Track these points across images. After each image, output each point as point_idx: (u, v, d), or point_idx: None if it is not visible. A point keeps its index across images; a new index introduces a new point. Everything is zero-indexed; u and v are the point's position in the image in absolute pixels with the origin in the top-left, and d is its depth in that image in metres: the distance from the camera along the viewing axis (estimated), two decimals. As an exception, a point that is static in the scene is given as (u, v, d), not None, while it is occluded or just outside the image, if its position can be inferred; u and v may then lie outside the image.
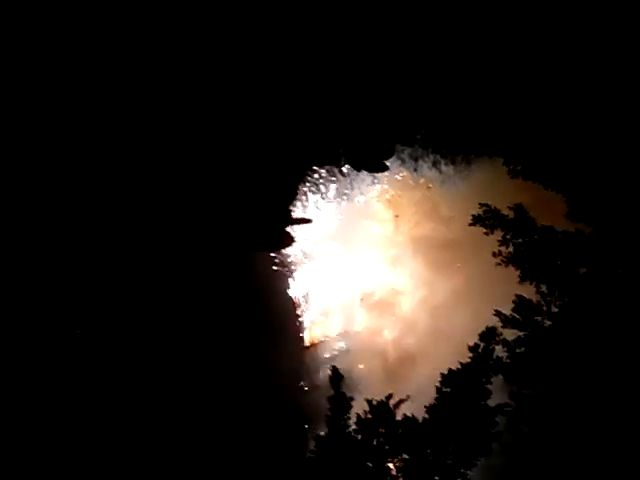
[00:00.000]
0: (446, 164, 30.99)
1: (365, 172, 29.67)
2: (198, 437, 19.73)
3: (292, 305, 28.91)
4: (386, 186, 32.41)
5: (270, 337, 25.58)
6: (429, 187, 31.97)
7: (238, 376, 22.55)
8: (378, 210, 32.34)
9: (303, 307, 29.80)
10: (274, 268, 28.37)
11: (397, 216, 30.85)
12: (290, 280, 28.83)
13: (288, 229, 25.48)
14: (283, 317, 27.97)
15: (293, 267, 29.14)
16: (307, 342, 29.40)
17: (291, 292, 29.06)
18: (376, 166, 28.87)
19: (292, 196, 24.02)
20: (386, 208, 32.47)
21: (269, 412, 18.11)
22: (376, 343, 28.77)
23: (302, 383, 28.12)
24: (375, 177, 31.96)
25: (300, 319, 29.28)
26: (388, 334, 28.84)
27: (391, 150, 28.43)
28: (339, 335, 29.88)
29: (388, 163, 32.07)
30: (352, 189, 31.17)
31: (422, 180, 32.25)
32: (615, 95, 17.95)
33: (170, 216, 21.84)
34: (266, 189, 21.95)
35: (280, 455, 17.66)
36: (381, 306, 29.61)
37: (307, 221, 27.75)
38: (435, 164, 31.69)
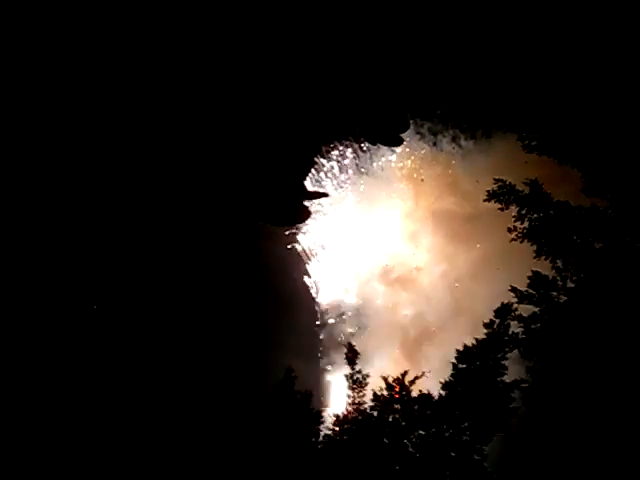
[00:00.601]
0: (466, 139, 30.90)
1: (384, 147, 29.63)
2: (207, 418, 19.89)
3: (308, 282, 29.03)
4: (407, 161, 32.39)
5: (286, 314, 25.68)
6: (449, 161, 31.92)
7: (253, 356, 22.71)
8: (398, 185, 32.29)
9: (320, 284, 29.90)
10: (292, 245, 28.54)
11: (416, 190, 30.87)
12: (308, 256, 28.92)
13: (306, 203, 25.50)
14: (299, 294, 28.06)
15: (312, 243, 29.21)
16: (324, 319, 29.54)
17: (309, 269, 29.17)
18: (392, 140, 28.76)
19: (308, 171, 23.96)
20: (406, 182, 32.45)
21: (284, 391, 18.09)
22: (393, 319, 28.83)
23: (319, 360, 28.31)
24: (394, 152, 31.93)
25: (317, 296, 29.40)
26: (406, 310, 28.90)
27: (406, 124, 28.31)
28: (356, 311, 30.02)
29: (406, 137, 32.05)
30: (371, 164, 31.13)
31: (442, 154, 32.21)
32: (628, 71, 17.77)
33: (187, 195, 21.96)
34: (283, 165, 21.95)
35: (298, 434, 17.67)
36: (400, 281, 29.69)
37: (324, 195, 27.73)
38: (455, 139, 31.61)
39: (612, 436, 16.33)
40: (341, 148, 29.40)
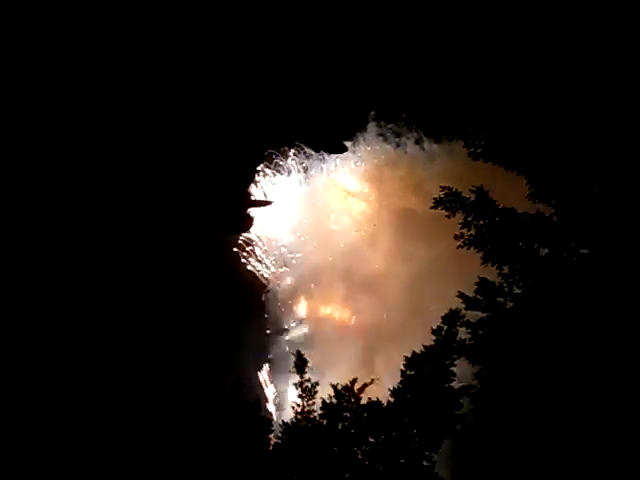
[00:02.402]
0: (430, 142, 31.05)
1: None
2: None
3: (260, 287, 29.06)
4: (369, 162, 32.49)
5: (238, 321, 25.70)
6: (413, 163, 32.04)
7: (203, 362, 22.72)
8: (358, 186, 32.39)
9: (273, 289, 29.95)
10: (243, 251, 28.54)
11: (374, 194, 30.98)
12: (262, 262, 28.95)
13: (249, 211, 25.62)
14: (250, 300, 28.06)
15: (262, 249, 29.25)
16: (275, 325, 29.57)
17: (260, 274, 29.22)
18: (335, 147, 28.91)
19: (251, 179, 24.00)
20: (368, 184, 32.54)
21: (235, 398, 18.10)
22: (344, 324, 28.88)
23: (267, 368, 28.32)
24: (354, 154, 32.07)
25: (268, 301, 29.42)
26: (361, 313, 28.98)
27: (351, 131, 28.45)
28: (305, 316, 30.03)
29: (368, 138, 32.15)
30: (327, 166, 31.24)
31: (406, 156, 32.34)
32: (575, 73, 17.85)
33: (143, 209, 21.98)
34: (225, 174, 21.98)
35: (247, 442, 17.68)
36: (356, 284, 29.74)
37: (267, 203, 27.82)
38: (419, 141, 31.76)
39: (560, 437, 16.42)
40: (292, 152, 29.50)
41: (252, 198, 25.78)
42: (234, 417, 18.05)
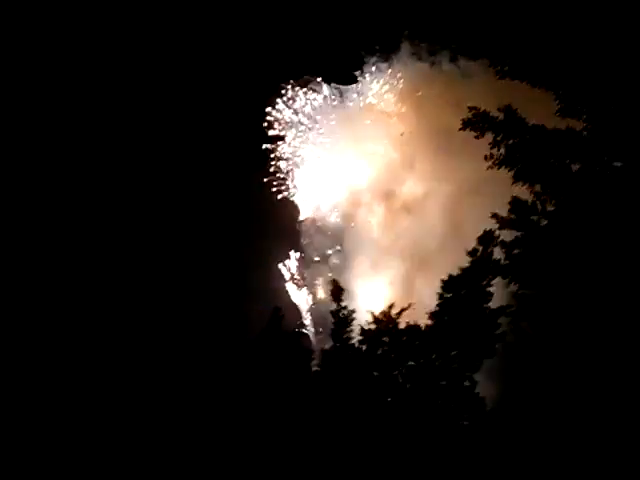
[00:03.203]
0: (465, 59, 30.46)
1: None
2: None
3: (296, 215, 29.05)
4: (401, 83, 32.03)
5: (277, 252, 25.81)
6: (449, 81, 31.51)
7: (240, 282, 22.83)
8: (395, 107, 32.02)
9: (310, 216, 29.90)
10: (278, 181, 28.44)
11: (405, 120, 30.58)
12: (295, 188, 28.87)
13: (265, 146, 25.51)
14: (287, 229, 28.09)
15: (303, 172, 29.11)
16: (313, 253, 29.58)
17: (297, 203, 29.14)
18: (345, 78, 28.71)
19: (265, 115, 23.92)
20: (403, 104, 32.14)
21: (274, 328, 18.33)
22: (382, 248, 28.72)
23: (306, 298, 28.40)
24: (391, 74, 31.64)
25: (306, 229, 29.42)
26: (396, 237, 28.79)
27: (360, 61, 28.13)
28: (343, 242, 29.96)
29: (401, 58, 31.68)
30: (365, 90, 30.90)
31: (442, 74, 31.82)
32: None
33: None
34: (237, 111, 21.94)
35: (288, 371, 17.93)
36: (395, 207, 29.57)
37: (280, 139, 27.76)
38: (453, 59, 31.18)
39: (598, 359, 16.37)
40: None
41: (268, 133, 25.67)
42: (274, 347, 18.31)
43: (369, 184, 30.64)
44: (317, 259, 29.67)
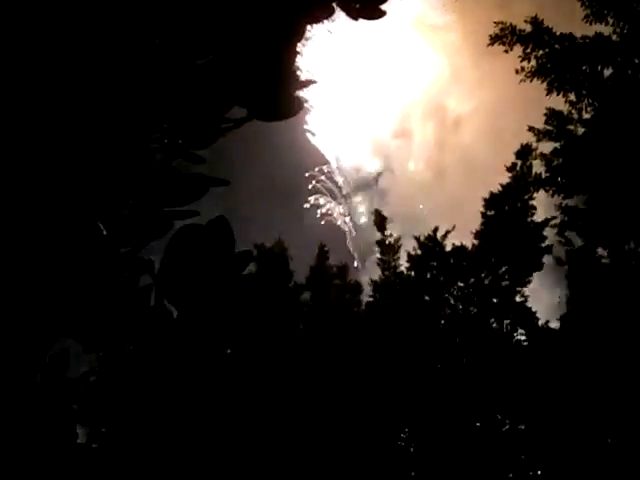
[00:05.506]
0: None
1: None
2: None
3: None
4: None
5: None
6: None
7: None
8: (441, 19, 31.12)
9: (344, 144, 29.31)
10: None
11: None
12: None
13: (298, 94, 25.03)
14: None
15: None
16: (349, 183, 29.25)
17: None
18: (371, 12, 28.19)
19: (293, 58, 23.67)
20: (449, 15, 31.26)
21: (320, 265, 18.40)
22: (422, 177, 28.42)
23: (350, 226, 28.24)
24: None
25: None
26: (433, 152, 28.27)
27: None
28: (379, 166, 29.47)
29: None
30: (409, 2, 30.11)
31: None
32: None
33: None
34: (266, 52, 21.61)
35: (339, 306, 17.98)
36: (429, 117, 29.04)
37: (312, 82, 27.31)
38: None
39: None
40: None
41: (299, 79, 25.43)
42: (320, 282, 18.39)
43: (418, 99, 30.15)
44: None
